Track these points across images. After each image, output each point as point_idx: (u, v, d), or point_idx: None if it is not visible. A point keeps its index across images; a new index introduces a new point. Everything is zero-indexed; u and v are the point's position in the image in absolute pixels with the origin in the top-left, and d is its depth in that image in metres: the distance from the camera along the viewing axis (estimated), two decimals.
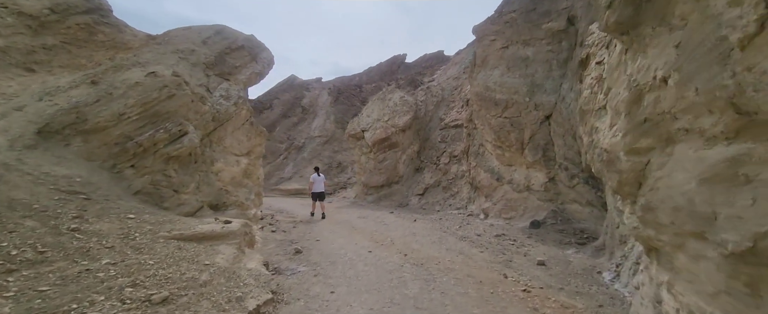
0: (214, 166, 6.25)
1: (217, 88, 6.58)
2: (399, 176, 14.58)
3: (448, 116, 15.96)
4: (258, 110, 23.50)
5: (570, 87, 7.74)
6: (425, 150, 15.50)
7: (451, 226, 8.68)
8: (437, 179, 13.70)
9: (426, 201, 13.05)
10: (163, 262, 3.18)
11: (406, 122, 14.98)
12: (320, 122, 22.65)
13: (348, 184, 18.27)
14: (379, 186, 14.43)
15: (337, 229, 8.24)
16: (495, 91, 9.96)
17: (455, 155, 13.93)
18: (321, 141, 21.45)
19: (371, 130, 15.31)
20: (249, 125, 7.28)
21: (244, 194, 7.29)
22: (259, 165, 8.09)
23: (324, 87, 26.13)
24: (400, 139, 14.77)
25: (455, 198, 12.40)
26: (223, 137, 6.56)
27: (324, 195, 10.29)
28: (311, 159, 20.49)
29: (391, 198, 14.06)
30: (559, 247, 6.35)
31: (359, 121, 16.31)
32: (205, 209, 5.65)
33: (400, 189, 14.34)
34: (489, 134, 10.28)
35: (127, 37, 6.73)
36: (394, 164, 14.56)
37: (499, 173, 10.12)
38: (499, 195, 9.88)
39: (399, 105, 15.81)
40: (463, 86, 16.70)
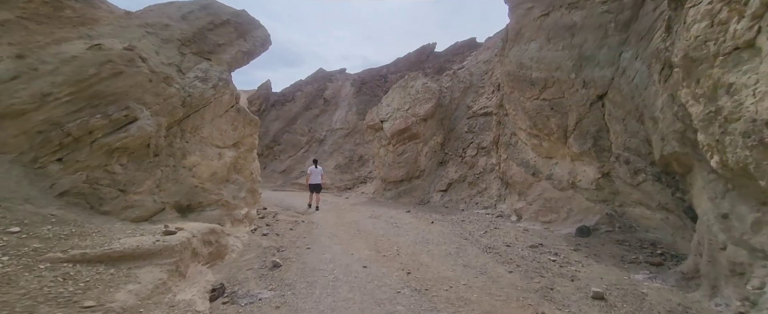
0: (186, 160, 5.24)
1: (192, 69, 5.53)
2: (420, 170, 13.11)
3: (477, 103, 14.14)
4: (281, 103, 22.94)
5: (635, 54, 5.83)
6: (450, 141, 13.85)
7: (474, 231, 7.14)
8: (463, 174, 12.06)
9: (449, 199, 11.50)
10: (13, 306, 2.09)
11: (428, 110, 13.40)
12: (342, 114, 21.62)
13: (368, 179, 17.09)
14: (398, 182, 13.06)
15: (338, 233, 7.03)
16: (531, 68, 8.14)
17: (484, 146, 12.18)
18: (342, 133, 20.42)
19: (390, 120, 13.92)
20: (235, 112, 6.21)
21: (231, 192, 6.27)
22: (251, 159, 7.05)
23: (347, 78, 25.04)
24: (421, 129, 13.25)
25: (483, 196, 10.73)
26: (199, 126, 5.52)
27: (320, 186, 10.45)
28: (332, 152, 19.54)
29: (411, 195, 12.65)
30: (621, 267, 4.64)
31: (378, 110, 14.97)
32: (168, 212, 4.64)
33: (421, 184, 12.88)
34: (523, 120, 8.50)
35: (102, 13, 5.84)
36: (414, 157, 13.10)
37: (535, 167, 8.35)
38: (535, 193, 8.14)
39: (421, 92, 14.24)
40: (495, 70, 14.76)
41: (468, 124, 13.70)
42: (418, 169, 13.08)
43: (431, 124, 13.64)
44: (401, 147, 13.26)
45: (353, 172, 17.81)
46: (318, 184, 10.34)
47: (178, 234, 3.52)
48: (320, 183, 10.46)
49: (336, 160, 18.70)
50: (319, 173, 10.55)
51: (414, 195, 12.63)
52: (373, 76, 24.70)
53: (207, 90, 5.53)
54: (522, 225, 7.74)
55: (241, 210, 6.55)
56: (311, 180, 10.36)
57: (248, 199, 7.03)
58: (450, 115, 14.62)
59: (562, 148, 7.59)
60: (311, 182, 10.34)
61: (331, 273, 4.43)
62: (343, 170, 17.94)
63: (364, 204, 11.58)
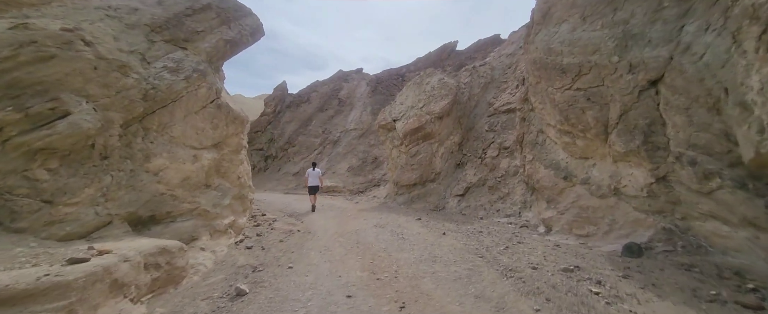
0: (150, 163, 4.46)
1: (162, 58, 4.78)
2: (435, 173, 11.94)
3: (499, 100, 12.79)
4: (296, 104, 22.47)
5: (704, 26, 4.45)
6: (468, 141, 12.59)
7: (493, 246, 5.95)
8: (482, 177, 10.78)
9: (467, 205, 10.26)
10: None
11: (444, 107, 12.21)
12: (357, 114, 20.79)
13: (382, 182, 16.09)
14: (411, 185, 11.96)
15: (333, 246, 6.06)
16: (561, 54, 6.83)
17: (506, 146, 10.84)
18: (356, 134, 19.57)
19: (403, 119, 12.86)
20: (214, 108, 5.41)
21: (211, 199, 5.46)
22: (238, 161, 6.24)
23: (363, 78, 24.24)
24: (436, 128, 12.09)
25: (505, 202, 9.42)
26: (168, 124, 4.75)
27: (318, 188, 10.64)
28: (345, 153, 18.72)
29: (426, 200, 11.50)
30: (699, 309, 3.34)
31: (391, 109, 13.96)
32: (116, 226, 3.85)
33: (436, 188, 11.70)
34: (552, 115, 7.19)
35: None
36: (429, 158, 11.95)
37: (567, 169, 7.01)
38: (567, 201, 6.80)
39: (437, 88, 13.09)
40: (519, 63, 13.35)
41: (489, 122, 12.38)
42: (432, 172, 11.93)
43: (448, 122, 12.44)
44: (414, 148, 12.16)
45: (366, 175, 16.88)
46: (316, 186, 10.60)
47: (93, 261, 2.67)
48: (318, 185, 10.70)
49: (349, 162, 17.86)
50: (317, 175, 10.81)
51: (428, 200, 11.48)
52: (390, 75, 23.74)
53: (177, 82, 4.75)
54: (552, 239, 6.44)
55: (224, 219, 5.74)
56: (309, 182, 10.65)
57: (235, 207, 6.22)
58: (469, 112, 13.35)
59: (600, 146, 6.23)
60: (309, 184, 10.63)
61: (304, 306, 3.44)
62: (356, 172, 17.06)
63: (373, 210, 10.57)
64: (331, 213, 9.98)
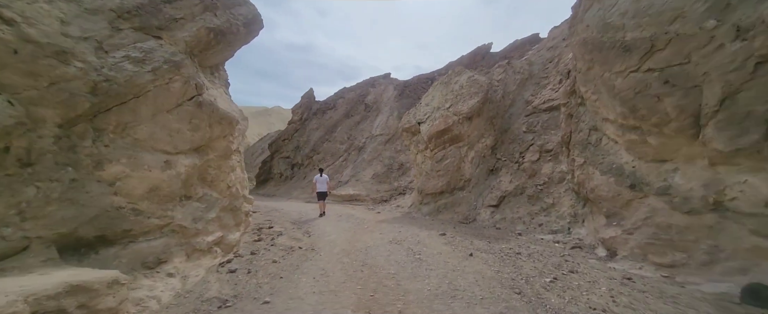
0: (104, 171, 3.67)
1: (126, 47, 4.03)
2: (464, 180, 10.45)
3: (539, 97, 11.07)
4: (322, 111, 22.01)
5: None
6: (503, 144, 10.97)
7: (536, 276, 4.45)
8: (520, 184, 9.13)
9: (502, 217, 8.67)
10: None
11: (474, 107, 10.74)
12: (383, 119, 19.77)
13: (408, 190, 14.80)
14: (437, 194, 10.57)
15: (333, 270, 4.93)
16: (623, 28, 5.21)
17: (548, 149, 9.13)
18: (382, 140, 18.51)
19: (429, 121, 11.56)
20: (194, 106, 4.58)
21: (191, 212, 4.61)
22: (229, 168, 5.38)
23: (390, 82, 23.28)
24: (464, 129, 10.64)
25: (549, 215, 7.73)
26: (130, 123, 3.96)
27: (326, 194, 10.48)
28: (371, 160, 17.70)
29: (454, 210, 10.04)
30: None
31: (416, 111, 12.72)
32: (34, 252, 3.02)
33: (465, 197, 10.20)
34: (610, 107, 5.55)
35: None
36: (457, 164, 10.50)
37: (634, 175, 5.30)
38: (637, 216, 5.09)
39: (465, 87, 11.65)
40: (562, 56, 11.54)
41: (527, 122, 10.70)
42: (461, 179, 10.45)
43: (478, 123, 10.94)
44: (440, 152, 10.78)
45: (392, 182, 15.69)
46: (324, 192, 10.46)
47: None
48: (326, 191, 10.57)
49: (374, 169, 16.80)
50: (325, 181, 10.62)
51: (457, 210, 10.01)
52: (419, 80, 22.54)
53: (140, 74, 3.96)
54: (618, 268, 4.78)
55: (208, 236, 4.86)
56: (318, 188, 10.46)
57: (225, 221, 5.34)
58: (503, 112, 11.73)
59: (687, 144, 4.53)
60: (318, 190, 10.44)
61: None
62: (380, 180, 15.94)
63: (393, 222, 9.33)
64: (346, 224, 8.91)
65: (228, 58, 6.64)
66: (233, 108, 6.16)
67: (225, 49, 5.63)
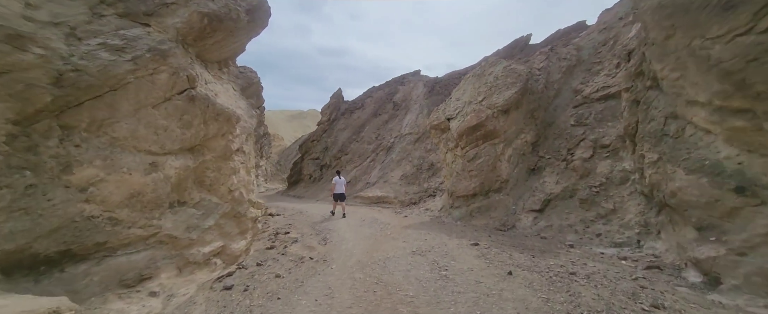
0: (72, 175, 3.18)
1: (104, 34, 3.55)
2: (500, 180, 9.20)
3: (590, 84, 9.51)
4: (350, 111, 21.54)
5: None
6: (546, 140, 9.55)
7: (602, 310, 3.30)
8: (569, 186, 7.73)
9: (547, 224, 7.35)
10: None
11: (511, 98, 9.45)
12: (412, 117, 18.79)
13: (438, 191, 13.69)
14: (469, 196, 9.42)
15: (341, 289, 4.12)
16: None
17: (605, 144, 7.64)
18: (411, 139, 17.53)
19: (459, 117, 10.44)
20: (185, 101, 4.02)
21: (184, 220, 4.06)
22: (231, 169, 4.80)
23: (420, 79, 22.23)
24: (500, 124, 9.38)
25: (610, 223, 6.33)
26: (106, 120, 3.45)
27: (344, 196, 10.54)
28: (399, 160, 16.80)
29: (489, 215, 8.85)
30: None
31: (445, 107, 11.63)
32: None
33: (502, 200, 8.96)
34: (703, 85, 4.16)
35: None
36: (491, 163, 9.28)
37: (743, 174, 3.88)
38: (754, 230, 3.69)
39: (501, 78, 10.37)
40: (620, 36, 9.85)
41: (575, 114, 9.20)
42: (497, 180, 9.21)
43: (516, 117, 9.62)
44: (473, 150, 9.62)
45: (421, 183, 14.66)
46: (342, 194, 10.48)
47: None
48: (344, 193, 10.59)
49: (403, 170, 15.89)
50: (342, 183, 10.63)
51: (492, 215, 8.80)
52: (451, 77, 21.26)
53: (117, 64, 3.45)
54: (726, 302, 3.45)
55: (205, 246, 4.29)
56: (336, 190, 10.49)
57: (227, 229, 4.76)
58: (545, 104, 10.28)
59: None
60: (336, 192, 10.47)
61: None
62: (409, 181, 14.99)
63: (420, 228, 8.36)
64: (368, 230, 8.11)
65: (237, 51, 6.14)
66: (240, 105, 5.62)
67: (227, 40, 5.07)
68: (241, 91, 18.55)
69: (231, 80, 6.18)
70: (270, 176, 25.83)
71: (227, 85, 5.82)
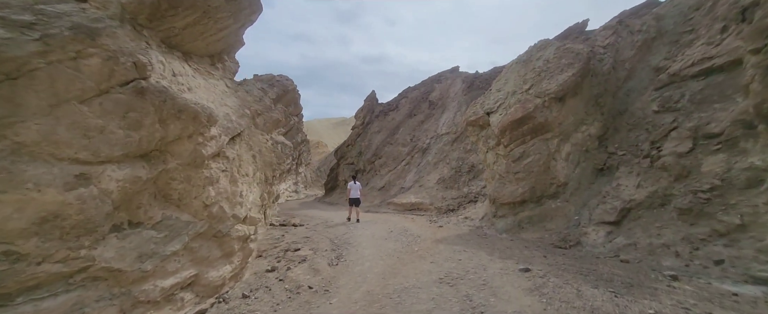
0: None
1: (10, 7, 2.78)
2: (557, 184, 7.29)
3: (680, 59, 7.21)
4: (384, 113, 20.48)
5: None
6: (618, 132, 7.44)
7: None
8: (658, 190, 5.65)
9: (629, 242, 5.38)
10: None
11: (567, 83, 7.52)
12: (449, 116, 17.11)
13: (481, 196, 11.88)
14: (516, 203, 7.64)
15: None
16: None
17: (712, 133, 5.45)
18: (449, 139, 15.86)
19: (501, 110, 8.71)
20: (131, 95, 3.12)
21: (137, 246, 3.18)
22: (206, 179, 3.87)
23: (458, 76, 20.42)
24: (554, 115, 7.50)
25: (737, 245, 4.24)
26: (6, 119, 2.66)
27: (359, 201, 10.32)
28: (436, 163, 15.23)
29: (543, 227, 7.00)
30: None
31: (484, 100, 9.93)
32: None
33: (561, 208, 7.05)
34: None
35: None
36: (543, 162, 7.42)
37: None
38: None
39: (553, 60, 8.44)
40: None
41: (660, 97, 6.99)
42: (551, 183, 7.32)
43: (574, 105, 7.64)
44: (519, 148, 7.83)
45: (461, 187, 12.95)
46: (357, 199, 10.27)
47: None
48: (359, 198, 10.37)
49: (440, 173, 14.31)
50: (358, 188, 10.42)
51: (547, 227, 6.95)
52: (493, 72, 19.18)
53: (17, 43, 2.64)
54: None
55: (167, 278, 3.39)
56: (351, 195, 10.29)
57: (204, 252, 3.85)
58: (614, 88, 8.11)
59: None
60: (351, 196, 10.26)
61: None
62: (447, 185, 13.36)
63: (455, 242, 6.84)
64: (393, 245, 6.80)
65: (231, 42, 5.34)
66: (228, 102, 4.75)
67: (204, 24, 4.22)
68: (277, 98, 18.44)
69: (226, 77, 5.37)
70: (310, 183, 25.79)
71: (218, 81, 5.00)
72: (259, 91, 16.32)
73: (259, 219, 4.93)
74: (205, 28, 4.33)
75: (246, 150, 4.99)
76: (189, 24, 3.99)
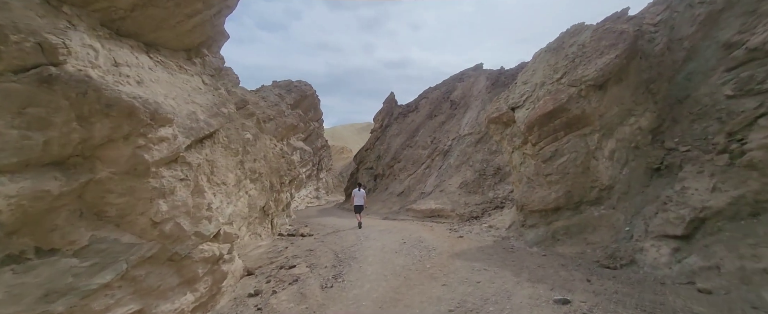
0: None
1: None
2: (599, 187, 5.93)
3: (761, 30, 5.60)
4: (403, 115, 19.51)
5: None
6: (677, 123, 5.95)
7: None
8: (744, 195, 4.20)
9: (707, 264, 3.99)
10: None
11: (610, 67, 6.16)
12: (472, 115, 15.79)
13: (507, 201, 10.51)
14: (548, 211, 6.34)
15: None
16: None
17: None
18: (472, 140, 14.55)
19: (528, 104, 7.47)
20: (32, 84, 2.43)
21: (48, 280, 2.54)
22: (155, 191, 3.17)
23: (482, 73, 19.02)
24: (592, 106, 6.16)
25: None
26: None
27: (362, 207, 10.46)
28: (458, 166, 13.98)
29: (584, 239, 5.67)
30: None
31: (508, 94, 8.69)
32: None
33: (606, 217, 5.68)
34: None
35: None
36: (581, 162, 6.09)
37: None
38: None
39: (590, 44, 7.08)
40: None
41: (734, 79, 5.46)
42: (592, 186, 5.98)
43: (619, 93, 6.25)
44: (550, 146, 6.55)
45: (485, 192, 11.64)
46: (361, 205, 10.46)
47: None
48: (363, 205, 10.57)
49: (462, 176, 13.06)
50: (362, 195, 10.60)
51: (589, 240, 5.62)
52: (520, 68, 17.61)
53: None
54: None
55: None
56: (355, 201, 10.48)
57: (152, 281, 3.18)
58: (670, 71, 6.59)
59: None
60: (356, 204, 10.46)
61: None
62: (470, 190, 12.10)
63: (475, 257, 5.71)
64: (403, 260, 5.81)
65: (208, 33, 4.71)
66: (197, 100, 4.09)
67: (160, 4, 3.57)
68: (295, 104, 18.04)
69: (206, 73, 4.74)
70: (332, 188, 25.33)
71: (192, 77, 4.37)
72: (275, 97, 16.06)
73: (236, 235, 4.18)
74: (167, 14, 3.70)
75: (223, 154, 4.29)
76: (137, 4, 3.35)
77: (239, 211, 4.48)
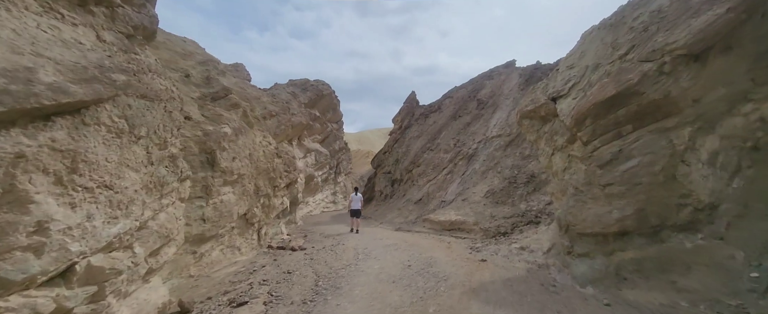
0: None
1: None
2: (693, 204, 3.87)
3: None
4: (424, 115, 17.80)
5: None
6: None
7: None
8: None
9: None
10: None
11: (714, 26, 4.11)
12: (502, 116, 13.73)
13: (545, 215, 8.42)
14: (610, 236, 4.36)
15: None
16: None
17: None
18: (501, 143, 12.50)
19: (575, 92, 5.56)
20: None
21: None
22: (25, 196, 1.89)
23: (514, 70, 16.85)
24: (681, 86, 4.13)
25: None
26: None
27: (359, 212, 10.29)
28: (485, 172, 11.98)
29: (671, 283, 3.66)
30: None
31: (548, 83, 6.76)
32: None
33: (707, 250, 3.63)
34: None
35: None
36: (662, 167, 4.07)
37: None
38: None
39: (672, 6, 5.02)
40: None
41: None
42: (682, 203, 3.94)
43: (725, 67, 4.17)
44: (609, 145, 4.60)
45: (516, 204, 9.60)
46: (358, 210, 10.21)
47: None
48: (360, 210, 10.32)
49: (489, 184, 11.10)
50: (359, 200, 10.48)
51: (681, 284, 3.60)
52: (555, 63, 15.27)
53: None
54: None
55: None
56: (352, 206, 10.31)
57: None
58: None
59: None
60: (352, 208, 10.25)
61: None
62: (497, 200, 10.12)
63: (501, 302, 3.92)
64: (398, 296, 4.18)
65: None
66: (70, 56, 2.84)
67: None
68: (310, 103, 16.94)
69: (113, 29, 3.52)
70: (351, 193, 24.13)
71: (78, 28, 3.16)
72: (287, 95, 15.08)
73: (121, 269, 2.81)
74: None
75: (109, 142, 2.96)
76: None
77: (162, 225, 3.19)
